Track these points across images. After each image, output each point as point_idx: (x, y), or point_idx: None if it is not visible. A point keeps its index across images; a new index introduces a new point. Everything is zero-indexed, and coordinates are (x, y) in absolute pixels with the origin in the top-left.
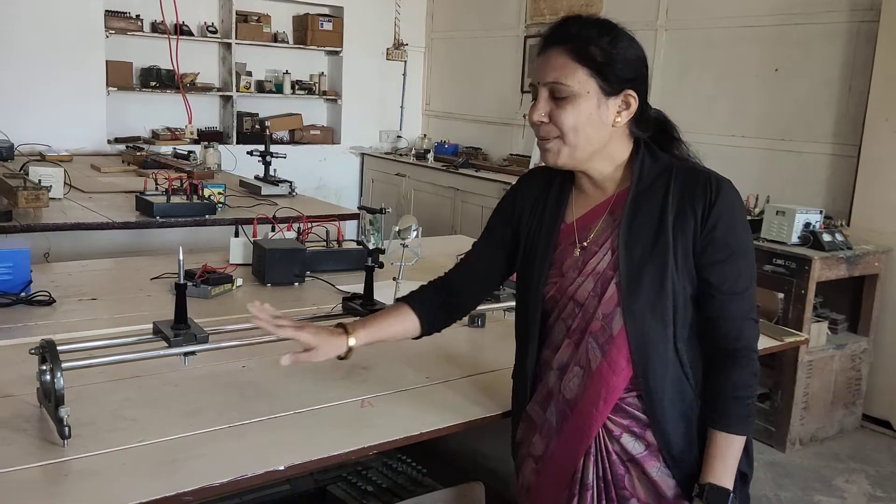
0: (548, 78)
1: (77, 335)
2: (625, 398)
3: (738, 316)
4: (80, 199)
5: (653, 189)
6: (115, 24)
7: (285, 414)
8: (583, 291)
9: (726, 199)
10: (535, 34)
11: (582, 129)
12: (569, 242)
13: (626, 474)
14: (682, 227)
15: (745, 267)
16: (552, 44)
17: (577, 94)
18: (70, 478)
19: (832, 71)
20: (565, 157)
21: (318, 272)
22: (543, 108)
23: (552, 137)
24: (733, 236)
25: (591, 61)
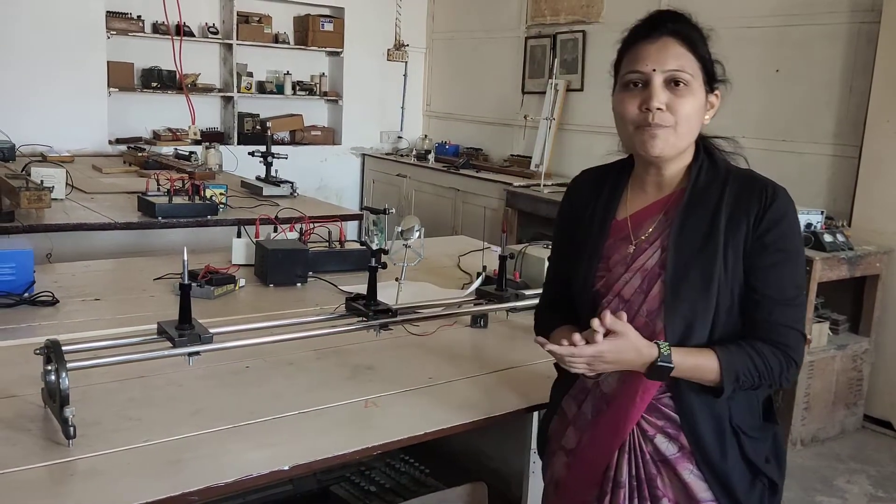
0: (668, 65)
1: (81, 335)
2: (660, 398)
3: (784, 323)
4: (81, 200)
5: (708, 192)
6: (116, 25)
7: (289, 414)
8: (629, 288)
9: (780, 205)
10: (535, 35)
11: (693, 121)
12: (620, 238)
13: (657, 474)
14: (734, 232)
15: (794, 274)
16: (664, 34)
17: (694, 84)
18: (75, 478)
19: (833, 72)
20: (671, 146)
21: (321, 273)
22: (664, 95)
23: (665, 125)
24: (784, 242)
25: (701, 56)
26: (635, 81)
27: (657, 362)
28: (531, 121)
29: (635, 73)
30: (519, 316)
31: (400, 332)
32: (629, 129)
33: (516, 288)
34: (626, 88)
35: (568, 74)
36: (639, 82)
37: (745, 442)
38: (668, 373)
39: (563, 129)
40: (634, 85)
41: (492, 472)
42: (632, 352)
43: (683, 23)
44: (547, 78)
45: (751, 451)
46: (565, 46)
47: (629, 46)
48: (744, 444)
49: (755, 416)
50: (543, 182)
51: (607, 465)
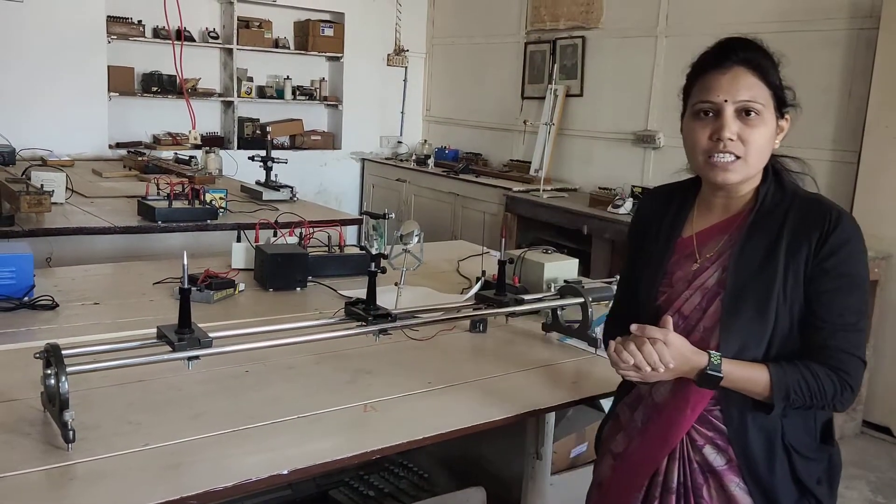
0: (741, 96)
1: (80, 339)
2: (712, 410)
3: (843, 349)
4: (81, 204)
5: (773, 214)
6: (116, 30)
7: (289, 418)
8: (689, 305)
9: (844, 231)
10: (535, 40)
11: (764, 149)
12: (684, 255)
13: (704, 484)
14: (795, 255)
15: (855, 301)
16: (735, 63)
17: (765, 114)
18: (75, 482)
19: (832, 77)
20: (741, 175)
21: (320, 277)
22: (735, 125)
23: (736, 154)
24: (846, 267)
25: (772, 84)
26: (706, 111)
27: (706, 370)
28: (531, 126)
29: (707, 102)
30: (518, 321)
31: (399, 337)
32: (699, 158)
33: (515, 293)
34: (696, 117)
35: (567, 80)
36: (710, 111)
37: (796, 461)
38: (717, 382)
39: (563, 134)
40: (705, 114)
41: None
42: (680, 358)
43: (754, 51)
44: (546, 83)
45: (802, 470)
46: (565, 52)
47: (699, 74)
48: (795, 463)
49: (811, 436)
50: (543, 187)
51: (655, 471)
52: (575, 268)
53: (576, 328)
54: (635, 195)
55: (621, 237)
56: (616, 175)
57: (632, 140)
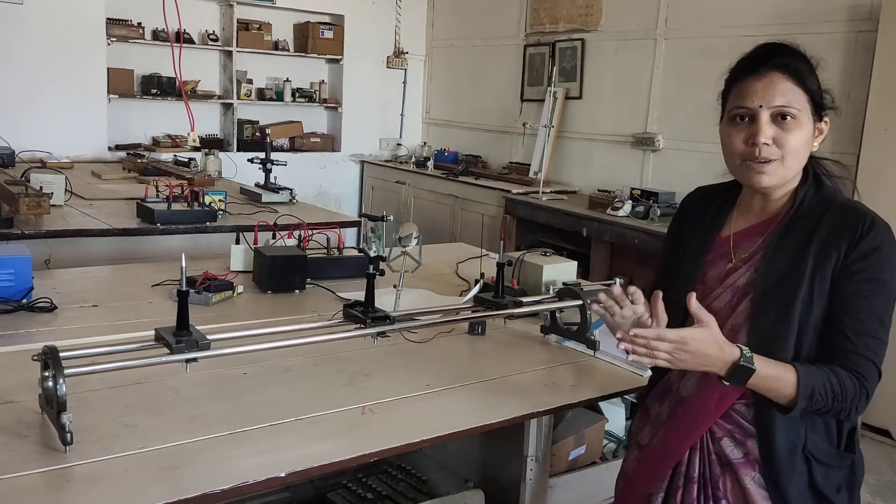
0: (776, 101)
1: (79, 342)
2: (734, 405)
3: (862, 353)
4: (80, 206)
5: (808, 218)
6: (116, 32)
7: (286, 421)
8: (719, 302)
9: (876, 238)
10: (534, 43)
11: (801, 152)
12: (719, 254)
13: (721, 476)
14: (824, 260)
15: (879, 308)
16: (771, 69)
17: (801, 118)
18: (72, 484)
19: (830, 80)
20: (779, 178)
21: (319, 279)
22: (770, 130)
23: (772, 160)
24: (872, 273)
25: (808, 88)
26: (742, 115)
27: (739, 362)
28: (530, 128)
29: (742, 108)
30: (517, 323)
31: (398, 339)
32: (736, 161)
33: (514, 295)
34: (732, 122)
35: (567, 82)
36: (745, 116)
37: (815, 469)
38: (749, 375)
39: (562, 136)
40: (741, 119)
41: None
42: (713, 346)
43: (790, 56)
44: (546, 85)
45: (821, 478)
46: (564, 54)
47: (736, 80)
48: (814, 471)
49: (832, 443)
50: (542, 189)
51: (677, 462)
52: (574, 270)
53: (574, 330)
54: (634, 197)
55: (621, 239)
56: (615, 177)
57: (631, 142)
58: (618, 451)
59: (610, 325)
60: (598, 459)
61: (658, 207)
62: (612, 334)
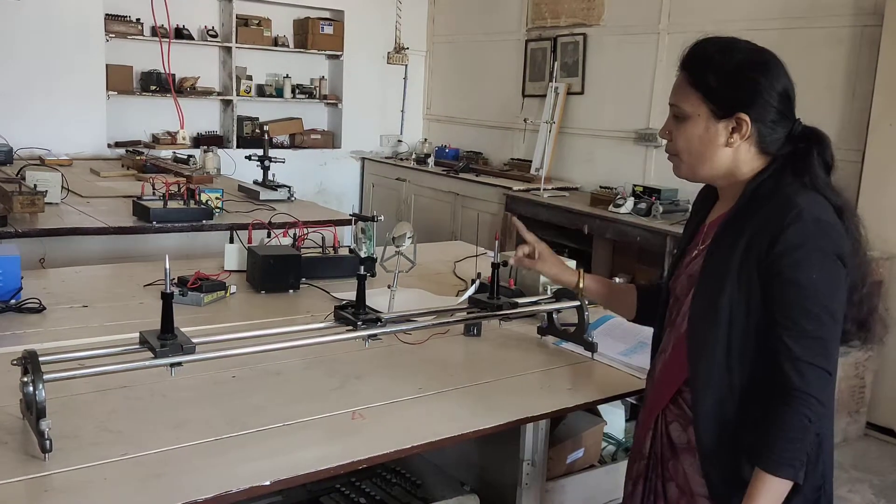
0: (671, 99)
1: (65, 344)
2: (682, 391)
3: (802, 358)
4: (77, 204)
5: (748, 210)
6: (114, 28)
7: (274, 426)
8: (680, 287)
9: (798, 233)
10: (535, 38)
11: (694, 150)
12: (696, 242)
13: (671, 458)
14: (748, 253)
15: (812, 307)
16: (680, 67)
17: (689, 116)
18: (50, 493)
19: (835, 76)
20: (685, 172)
21: (314, 279)
22: (667, 126)
23: (673, 154)
24: (798, 273)
25: (705, 86)
26: None
27: None
28: (531, 124)
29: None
30: (513, 325)
31: (391, 341)
32: None
33: (510, 296)
34: None
35: (568, 77)
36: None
37: (745, 466)
38: None
39: (564, 132)
40: None
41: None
42: None
43: (693, 54)
44: (547, 81)
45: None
46: (566, 49)
47: None
48: (743, 467)
49: None
50: (543, 186)
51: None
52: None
53: (572, 332)
54: (636, 194)
55: (623, 237)
56: (617, 174)
57: (633, 138)
58: (617, 454)
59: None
60: (596, 463)
61: (660, 204)
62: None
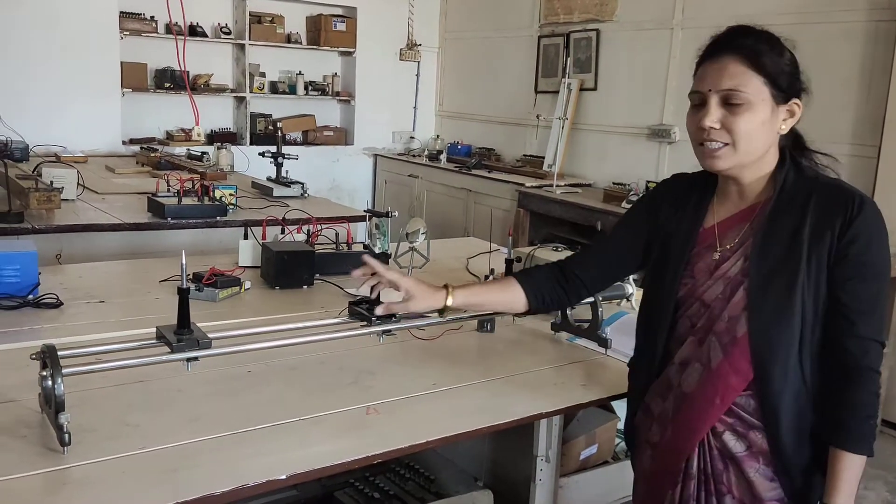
0: (723, 85)
1: (82, 339)
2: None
3: (864, 335)
4: (93, 201)
5: (794, 201)
6: (129, 26)
7: (289, 420)
8: (711, 293)
9: (867, 217)
10: (548, 34)
11: (754, 136)
12: (705, 246)
13: (724, 471)
14: (818, 242)
15: (877, 287)
16: (725, 52)
17: (753, 101)
18: (69, 486)
19: (850, 71)
20: (732, 162)
21: (328, 275)
22: (716, 114)
23: (723, 144)
24: (868, 255)
25: (766, 71)
26: (695, 101)
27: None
28: (544, 120)
29: (695, 93)
30: (526, 321)
31: (405, 336)
32: (694, 145)
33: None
34: (692, 107)
35: (581, 73)
36: (699, 101)
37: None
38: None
39: (577, 128)
40: (697, 103)
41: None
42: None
43: (747, 38)
44: (560, 77)
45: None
46: (579, 45)
47: (697, 66)
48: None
49: None
50: (556, 182)
51: (687, 458)
52: None
53: (585, 328)
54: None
55: None
56: (631, 170)
57: (647, 134)
58: None
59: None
60: (609, 459)
61: None
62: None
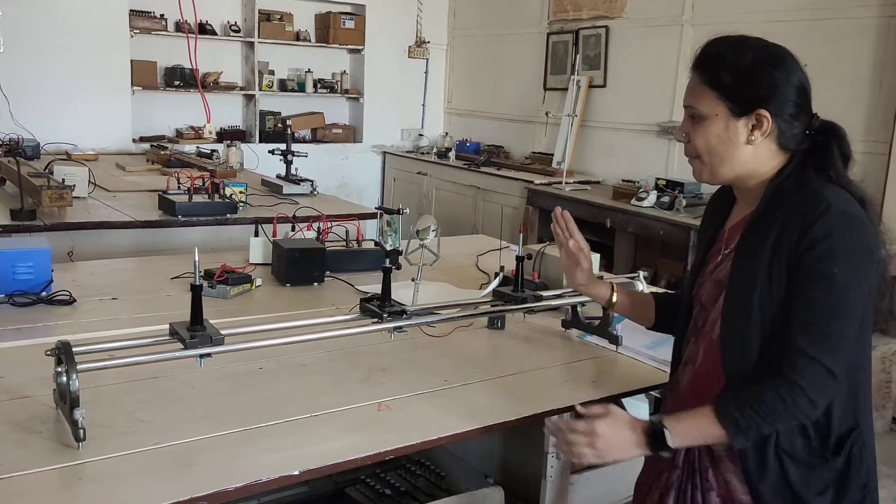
0: (685, 101)
1: (96, 335)
2: None
3: (803, 350)
4: (104, 198)
5: (776, 208)
6: (139, 24)
7: (301, 417)
8: (706, 295)
9: (828, 225)
10: (557, 31)
11: (714, 150)
12: (717, 248)
13: (709, 468)
14: (779, 248)
15: (831, 302)
16: (692, 68)
17: (707, 116)
18: (84, 481)
19: (862, 67)
20: (707, 174)
21: (338, 272)
22: (684, 128)
23: (693, 157)
24: (823, 265)
25: (720, 85)
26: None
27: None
28: (553, 118)
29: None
30: (537, 318)
31: (415, 334)
32: None
33: (534, 289)
34: None
35: (590, 70)
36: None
37: (789, 467)
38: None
39: (586, 125)
40: None
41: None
42: (624, 425)
43: (705, 54)
44: (569, 74)
45: (796, 477)
46: (588, 42)
47: None
48: (787, 469)
49: (811, 443)
50: (565, 180)
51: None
52: (596, 262)
53: (596, 325)
54: (659, 188)
55: (645, 231)
56: (640, 167)
57: (656, 132)
58: None
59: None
60: None
61: (683, 198)
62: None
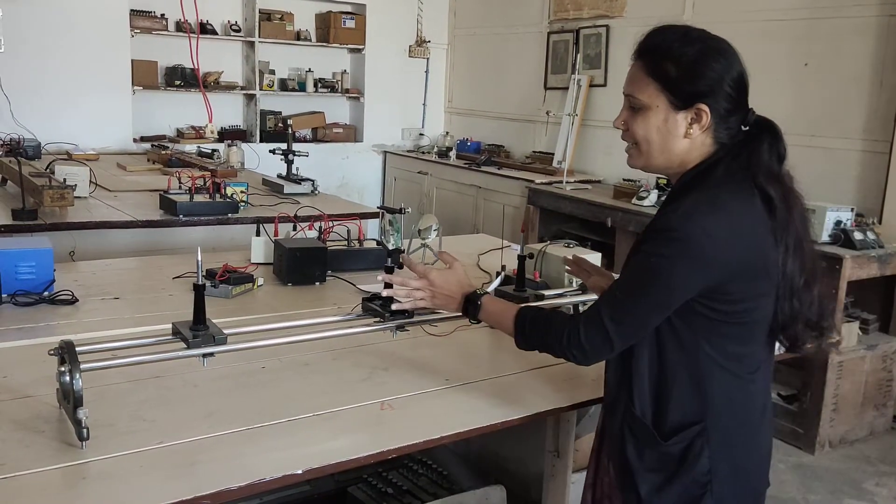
0: (626, 89)
1: (98, 335)
2: None
3: (596, 307)
4: (105, 198)
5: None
6: (139, 24)
7: (304, 416)
8: None
9: (671, 220)
10: (558, 30)
11: (652, 140)
12: None
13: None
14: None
15: (632, 277)
16: (635, 56)
17: (647, 106)
18: (87, 480)
19: (862, 65)
20: (641, 163)
21: (340, 271)
22: (622, 116)
23: (630, 144)
24: (645, 246)
25: (663, 77)
26: None
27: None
28: (553, 117)
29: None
30: None
31: (417, 333)
32: None
33: (536, 288)
34: None
35: (591, 70)
36: None
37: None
38: (477, 310)
39: (586, 125)
40: None
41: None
42: (455, 284)
43: (650, 43)
44: (569, 73)
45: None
46: (588, 41)
47: None
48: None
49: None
50: (566, 179)
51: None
52: (598, 262)
53: None
54: (660, 187)
55: None
56: None
57: None
58: None
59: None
60: None
61: None
62: None
